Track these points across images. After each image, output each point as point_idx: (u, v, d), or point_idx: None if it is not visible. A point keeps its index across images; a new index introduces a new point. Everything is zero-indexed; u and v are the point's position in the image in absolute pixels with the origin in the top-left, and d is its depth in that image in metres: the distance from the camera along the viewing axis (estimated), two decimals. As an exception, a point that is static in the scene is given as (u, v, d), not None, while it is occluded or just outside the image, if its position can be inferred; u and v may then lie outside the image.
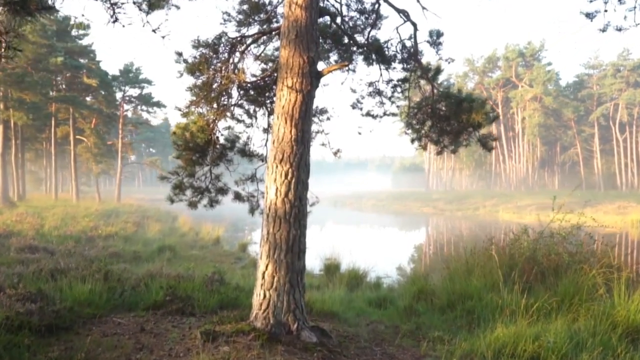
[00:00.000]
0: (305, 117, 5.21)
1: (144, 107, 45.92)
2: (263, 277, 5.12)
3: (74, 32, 35.21)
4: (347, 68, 8.38)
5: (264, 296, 5.08)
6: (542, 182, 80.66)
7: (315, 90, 5.39)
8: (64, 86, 39.55)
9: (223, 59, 6.23)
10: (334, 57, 8.54)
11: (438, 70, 7.15)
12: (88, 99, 39.80)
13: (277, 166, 5.14)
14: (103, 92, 37.11)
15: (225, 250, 18.01)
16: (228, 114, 7.00)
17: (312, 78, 5.25)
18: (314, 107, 7.74)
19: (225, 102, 6.77)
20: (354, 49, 7.58)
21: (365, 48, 7.25)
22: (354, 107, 7.95)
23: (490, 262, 9.07)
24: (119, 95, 42.67)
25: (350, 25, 8.07)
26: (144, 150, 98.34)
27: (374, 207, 67.00)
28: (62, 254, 10.79)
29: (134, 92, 43.06)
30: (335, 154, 7.40)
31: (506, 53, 75.20)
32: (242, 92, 6.96)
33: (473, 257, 9.77)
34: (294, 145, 5.12)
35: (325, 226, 37.96)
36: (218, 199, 7.00)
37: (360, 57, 8.27)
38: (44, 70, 31.44)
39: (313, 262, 14.61)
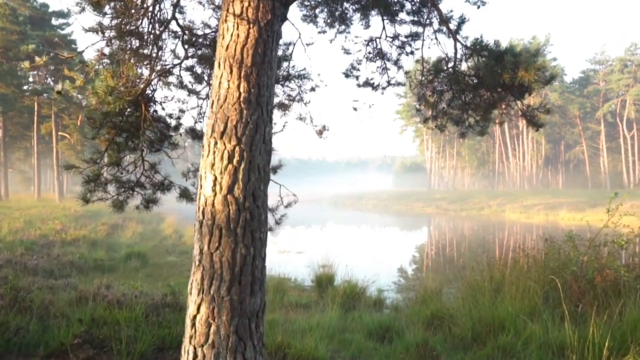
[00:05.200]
0: (263, 64, 3.23)
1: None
2: (193, 326, 3.13)
3: (53, 21, 33.06)
4: (340, 27, 6.40)
5: (195, 356, 3.10)
6: (545, 181, 78.71)
7: (280, 23, 3.40)
8: (51, 81, 37.57)
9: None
10: (322, 15, 6.56)
11: (463, 19, 5.15)
12: (75, 93, 37.71)
13: (215, 143, 3.16)
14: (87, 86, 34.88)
15: (208, 256, 15.99)
16: (173, 79, 5.02)
17: (275, 1, 3.26)
18: (289, 67, 5.77)
19: (165, 62, 4.78)
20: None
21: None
22: (347, 75, 5.95)
23: (523, 278, 7.10)
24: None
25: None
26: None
27: (375, 207, 65.07)
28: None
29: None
30: (320, 133, 5.41)
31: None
32: (190, 49, 4.97)
33: (500, 271, 7.80)
34: (243, 108, 3.14)
35: (323, 228, 36.00)
36: (156, 197, 5.02)
37: (357, 15, 6.31)
38: (15, 60, 29.25)
39: (303, 271, 12.65)
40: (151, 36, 4.45)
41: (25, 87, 34.58)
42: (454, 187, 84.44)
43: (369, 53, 5.76)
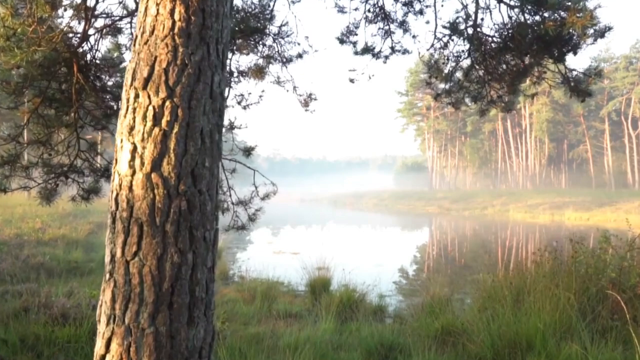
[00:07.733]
0: (210, -20, 2.18)
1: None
2: (101, 371, 2.08)
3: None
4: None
5: (103, 418, 2.05)
6: (548, 181, 77.62)
7: None
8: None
9: None
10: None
11: (486, -36, 4.10)
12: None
13: (136, 96, 2.12)
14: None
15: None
16: (124, 40, 3.97)
17: None
18: (267, 22, 4.71)
19: (111, 13, 3.74)
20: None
21: None
22: (342, 40, 4.89)
23: (550, 285, 6.04)
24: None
25: None
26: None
27: (376, 206, 64.05)
28: None
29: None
30: (305, 103, 4.36)
31: (513, 45, 72.04)
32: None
33: (521, 277, 6.75)
34: (178, 44, 2.10)
35: (323, 228, 34.95)
36: (98, 186, 3.99)
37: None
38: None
39: (298, 273, 11.58)
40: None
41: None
42: (456, 187, 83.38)
43: (369, 12, 4.70)
